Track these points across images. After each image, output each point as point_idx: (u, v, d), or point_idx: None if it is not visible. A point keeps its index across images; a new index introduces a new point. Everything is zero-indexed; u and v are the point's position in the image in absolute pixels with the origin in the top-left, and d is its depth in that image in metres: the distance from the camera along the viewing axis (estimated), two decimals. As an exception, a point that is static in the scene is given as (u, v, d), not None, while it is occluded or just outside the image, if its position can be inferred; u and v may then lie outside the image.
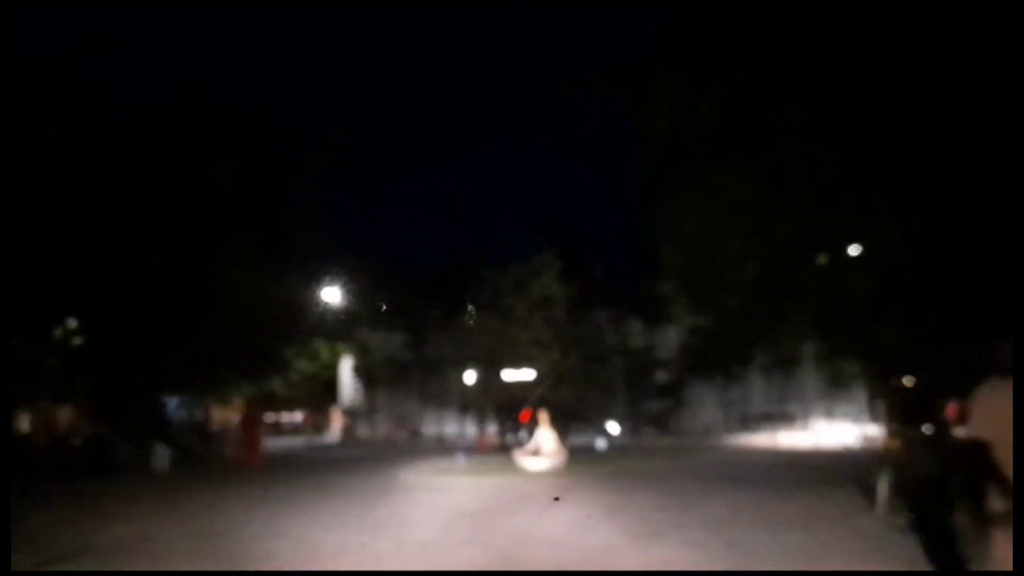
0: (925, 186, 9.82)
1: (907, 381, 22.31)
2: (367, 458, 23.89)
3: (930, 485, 10.27)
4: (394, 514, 10.96)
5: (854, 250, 11.70)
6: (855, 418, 34.09)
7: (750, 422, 37.52)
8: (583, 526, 9.35)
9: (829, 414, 36.17)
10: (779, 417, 36.99)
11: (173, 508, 12.07)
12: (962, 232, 10.11)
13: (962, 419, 11.03)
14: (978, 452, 3.14)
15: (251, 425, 23.78)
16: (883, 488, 9.66)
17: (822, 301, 11.42)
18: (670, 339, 35.33)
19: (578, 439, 23.67)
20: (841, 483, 13.20)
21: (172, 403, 30.65)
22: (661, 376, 36.52)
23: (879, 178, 9.95)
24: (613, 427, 26.57)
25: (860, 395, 33.58)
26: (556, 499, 12.51)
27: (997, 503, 3.04)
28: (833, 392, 33.85)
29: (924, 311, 10.64)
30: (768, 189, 9.92)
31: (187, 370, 24.95)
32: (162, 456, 21.45)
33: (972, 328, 10.53)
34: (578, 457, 18.50)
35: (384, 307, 34.13)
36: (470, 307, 27.02)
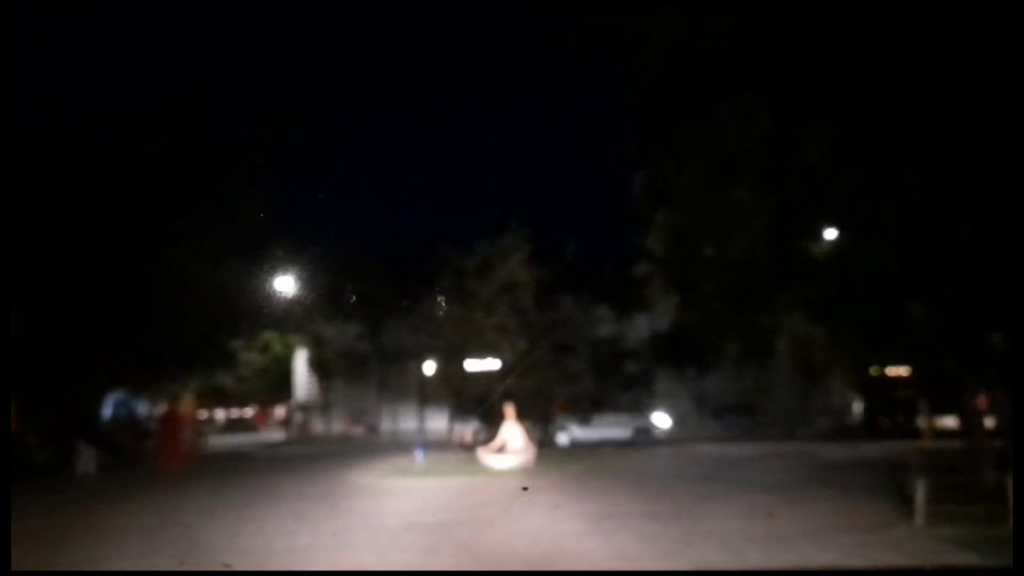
0: (966, 134, 8.28)
1: (899, 371, 21.17)
2: (319, 456, 22.02)
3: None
4: (334, 528, 9.12)
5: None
6: (827, 410, 33.22)
7: (722, 415, 36.24)
8: (565, 542, 7.63)
9: (804, 407, 35.04)
10: (751, 410, 35.76)
11: (66, 524, 10.06)
12: (1003, 201, 8.55)
13: (991, 409, 9.39)
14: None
15: (172, 424, 21.50)
16: (921, 494, 8.12)
17: (836, 271, 9.84)
18: (640, 327, 33.94)
19: (603, 432, 21.79)
20: (850, 483, 11.73)
21: (112, 400, 28.54)
22: (630, 366, 35.07)
23: (909, 124, 8.40)
24: (662, 419, 24.38)
25: (835, 386, 32.67)
26: (525, 488, 11.29)
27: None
28: (806, 384, 32.81)
29: (957, 285, 9.14)
30: (782, 132, 8.30)
31: (123, 363, 22.90)
32: (86, 458, 19.32)
33: (1004, 309, 9.08)
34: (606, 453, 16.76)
35: (352, 297, 32.27)
36: (439, 297, 25.20)
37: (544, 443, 22.35)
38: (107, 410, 27.24)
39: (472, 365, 23.87)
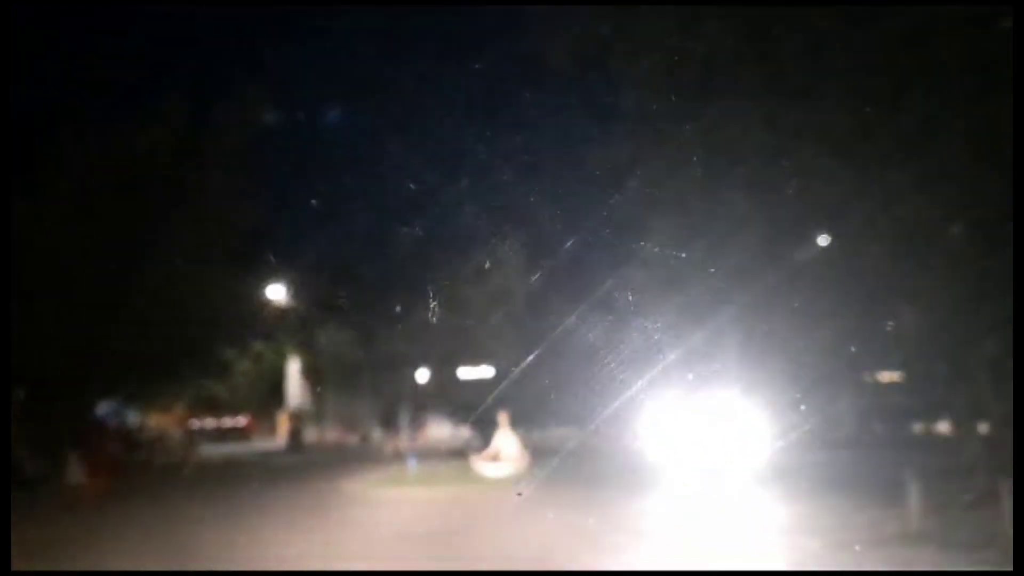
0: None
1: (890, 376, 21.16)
2: (312, 465, 21.92)
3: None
4: (326, 538, 9.06)
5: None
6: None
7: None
8: (558, 549, 7.60)
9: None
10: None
11: (55, 534, 9.88)
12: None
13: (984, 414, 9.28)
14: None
15: (96, 443, 20.98)
16: (915, 498, 8.10)
17: (828, 277, 9.84)
18: (633, 334, 33.87)
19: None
20: (845, 488, 11.68)
21: (103, 409, 28.36)
22: (624, 373, 35.00)
23: (901, 126, 8.43)
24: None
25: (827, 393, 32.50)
26: (519, 494, 11.07)
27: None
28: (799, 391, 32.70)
29: (949, 288, 9.14)
30: (775, 136, 8.33)
31: (113, 373, 22.74)
32: (77, 468, 19.18)
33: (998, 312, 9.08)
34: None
35: (344, 303, 31.96)
36: (433, 302, 25.03)
37: None
38: (98, 420, 27.04)
39: (465, 373, 23.84)
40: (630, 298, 18.19)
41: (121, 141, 19.69)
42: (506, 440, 15.29)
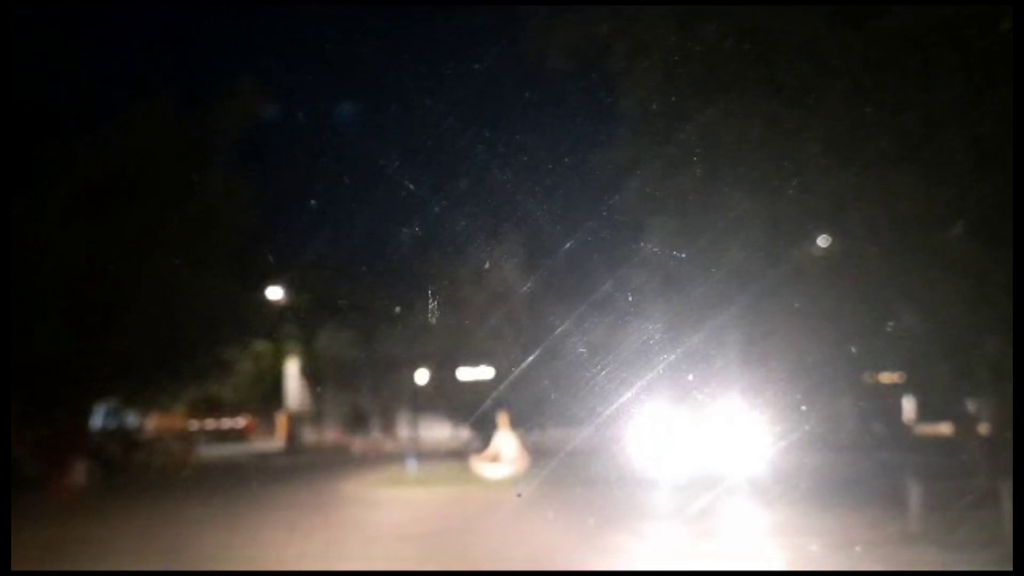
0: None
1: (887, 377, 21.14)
2: (312, 466, 21.89)
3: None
4: (326, 538, 9.06)
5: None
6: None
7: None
8: (558, 550, 7.59)
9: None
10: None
11: (54, 535, 9.87)
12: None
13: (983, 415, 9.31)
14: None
15: (60, 445, 20.83)
16: (915, 499, 8.09)
17: (828, 278, 9.82)
18: (633, 335, 33.81)
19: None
20: (843, 490, 11.68)
21: (101, 410, 28.31)
22: (624, 374, 34.94)
23: (902, 125, 8.42)
24: None
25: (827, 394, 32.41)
26: (519, 495, 11.22)
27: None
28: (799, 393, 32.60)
29: (947, 288, 9.12)
30: (775, 136, 8.33)
31: (113, 372, 22.68)
32: (76, 470, 19.17)
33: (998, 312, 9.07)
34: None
35: (344, 303, 31.84)
36: (432, 303, 24.92)
37: None
38: (97, 421, 27.01)
39: (465, 373, 23.82)
40: (630, 299, 18.18)
41: (120, 140, 19.61)
42: (505, 441, 15.28)
